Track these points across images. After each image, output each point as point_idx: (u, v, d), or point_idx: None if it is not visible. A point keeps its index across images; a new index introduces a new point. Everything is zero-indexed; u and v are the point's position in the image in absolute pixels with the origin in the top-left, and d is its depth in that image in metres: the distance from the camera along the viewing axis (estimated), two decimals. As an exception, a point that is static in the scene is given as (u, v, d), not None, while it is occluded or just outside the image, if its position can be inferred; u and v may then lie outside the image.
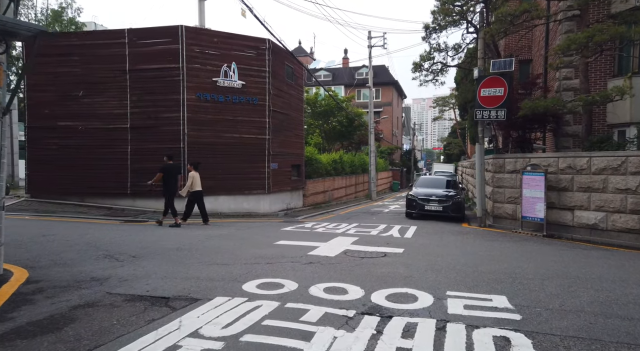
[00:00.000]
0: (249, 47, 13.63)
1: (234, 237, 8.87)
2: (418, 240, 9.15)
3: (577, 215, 9.87)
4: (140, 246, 7.53)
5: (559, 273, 6.06)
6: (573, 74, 11.67)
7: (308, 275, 5.68)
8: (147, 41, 12.87)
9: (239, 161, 13.72)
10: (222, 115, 13.40)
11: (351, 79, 47.90)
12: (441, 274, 5.88)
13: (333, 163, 22.23)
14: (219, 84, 13.23)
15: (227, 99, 13.42)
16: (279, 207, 15.11)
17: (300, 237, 9.11)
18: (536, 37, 15.22)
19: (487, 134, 11.71)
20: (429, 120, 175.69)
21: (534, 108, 10.09)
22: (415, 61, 14.19)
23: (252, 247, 7.78)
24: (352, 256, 7.13)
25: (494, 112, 11.24)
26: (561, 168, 10.17)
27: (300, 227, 11.09)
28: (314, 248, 7.74)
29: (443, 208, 13.12)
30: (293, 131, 16.34)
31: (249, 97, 13.72)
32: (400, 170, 46.37)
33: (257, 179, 14.05)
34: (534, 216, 10.50)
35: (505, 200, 11.49)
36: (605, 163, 9.33)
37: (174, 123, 12.82)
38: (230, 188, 13.66)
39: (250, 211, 14.02)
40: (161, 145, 12.93)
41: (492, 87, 11.22)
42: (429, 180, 15.64)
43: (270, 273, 5.75)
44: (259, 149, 14.02)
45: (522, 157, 11.13)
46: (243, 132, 13.76)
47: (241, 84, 13.58)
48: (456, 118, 41.72)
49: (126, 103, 13.01)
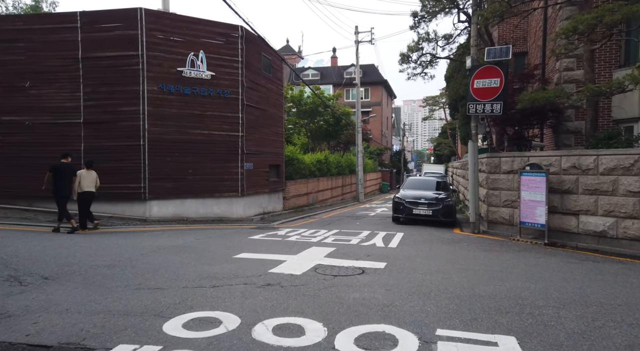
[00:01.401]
0: (218, 34, 12.30)
1: (188, 249, 7.54)
2: (404, 250, 7.92)
3: (582, 220, 8.74)
4: (64, 262, 6.15)
5: (576, 298, 4.86)
6: (575, 64, 10.59)
7: (259, 304, 4.40)
8: (102, 25, 11.45)
9: (208, 160, 12.37)
10: (189, 109, 12.04)
11: (340, 78, 46.71)
12: (430, 300, 4.65)
13: (317, 163, 20.96)
14: (184, 74, 11.87)
15: (195, 91, 12.06)
16: (255, 211, 13.79)
17: (267, 248, 7.82)
18: (532, 27, 14.16)
19: (481, 131, 10.57)
20: (420, 122, 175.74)
21: (534, 100, 8.95)
22: (402, 52, 12.99)
23: (204, 262, 6.46)
24: (322, 274, 5.87)
25: (489, 105, 10.08)
26: (564, 168, 9.05)
27: (272, 234, 9.80)
28: (279, 263, 6.46)
29: (433, 212, 11.94)
30: (271, 128, 15.04)
31: (220, 90, 12.38)
32: (389, 171, 45.32)
33: (230, 180, 12.72)
34: (533, 221, 9.36)
35: (501, 204, 10.34)
36: (616, 163, 8.23)
37: (133, 118, 11.42)
38: (199, 191, 12.30)
39: (221, 216, 12.67)
40: (119, 142, 11.52)
41: (487, 77, 10.07)
42: (418, 182, 14.47)
43: (210, 302, 4.45)
44: (231, 147, 12.69)
45: (520, 156, 10.00)
46: (213, 129, 12.42)
47: (210, 75, 12.24)
48: (446, 118, 40.85)
49: (79, 95, 11.57)
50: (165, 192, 11.79)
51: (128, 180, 11.48)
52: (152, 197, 11.59)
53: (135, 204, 11.61)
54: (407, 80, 14.16)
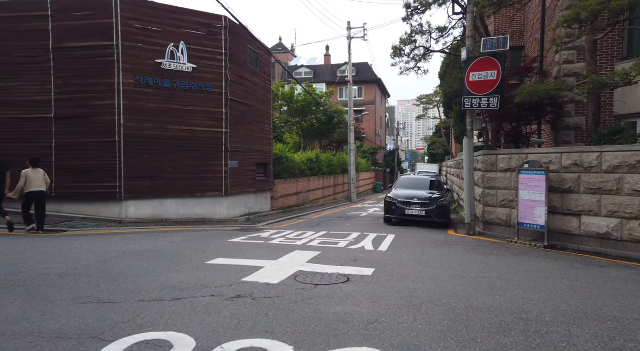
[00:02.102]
0: (200, 25, 11.62)
1: (157, 254, 6.87)
2: (395, 254, 7.32)
3: (584, 222, 8.20)
4: (11, 271, 5.47)
5: (587, 311, 4.28)
6: (576, 56, 10.06)
7: (223, 322, 3.76)
8: (75, 14, 10.71)
9: (190, 158, 11.69)
10: (169, 103, 11.35)
11: (333, 77, 46.12)
12: (421, 315, 4.05)
13: (308, 162, 20.34)
14: (163, 66, 11.17)
15: (175, 85, 11.37)
16: (240, 212, 13.13)
17: (246, 253, 7.18)
18: (529, 21, 13.65)
19: (477, 127, 10.01)
20: (414, 122, 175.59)
21: (533, 93, 8.39)
22: (395, 45, 12.39)
23: (172, 269, 5.81)
24: (302, 282, 5.25)
25: (485, 99, 9.51)
26: (565, 166, 8.50)
27: (255, 236, 9.16)
28: (255, 270, 5.83)
29: (426, 212, 11.36)
30: (258, 125, 14.38)
31: (202, 83, 11.70)
32: (383, 170, 44.77)
33: (213, 179, 12.04)
34: (532, 223, 8.81)
35: (498, 204, 9.78)
36: (621, 160, 7.68)
37: (108, 113, 10.71)
38: (180, 190, 11.61)
39: (204, 217, 12.00)
40: (93, 138, 10.80)
41: (483, 70, 9.50)
42: (411, 181, 13.89)
43: (166, 319, 3.81)
44: (214, 144, 12.02)
45: (518, 153, 9.45)
46: (195, 124, 11.74)
47: (192, 68, 11.55)
48: (440, 116, 40.40)
49: (50, 88, 10.83)
50: (143, 192, 11.09)
51: (103, 179, 10.78)
52: (128, 196, 10.89)
53: (110, 205, 10.90)
54: (400, 75, 13.57)
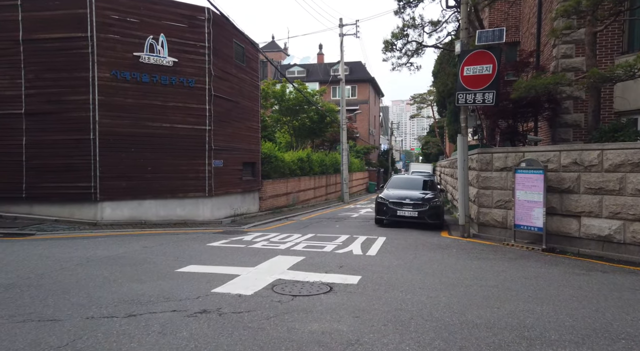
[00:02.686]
0: (182, 16, 11.03)
1: (124, 261, 6.30)
2: (384, 259, 6.81)
3: (585, 223, 7.75)
4: (-48, 282, 4.88)
5: (596, 327, 3.79)
6: (574, 50, 9.63)
7: (177, 345, 3.22)
8: (47, 3, 10.07)
9: (171, 157, 11.10)
10: (148, 99, 10.75)
11: (326, 76, 45.55)
12: (409, 333, 3.53)
13: (299, 162, 19.77)
14: (142, 60, 10.57)
15: (154, 79, 10.77)
16: (225, 213, 12.56)
17: (223, 258, 6.63)
18: (525, 15, 13.23)
19: (472, 124, 9.54)
20: (408, 122, 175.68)
21: (531, 88, 7.93)
22: (386, 39, 11.89)
23: (136, 279, 5.25)
24: (280, 293, 4.72)
25: (480, 94, 9.03)
26: (564, 165, 8.05)
27: (236, 240, 8.60)
28: (230, 278, 5.29)
29: (418, 213, 10.88)
30: (245, 123, 13.81)
31: (183, 78, 11.11)
32: (377, 170, 44.32)
33: (195, 179, 11.46)
34: (529, 224, 8.35)
35: (494, 205, 9.32)
36: (623, 158, 7.24)
37: (82, 109, 10.08)
38: (160, 191, 11.02)
39: (186, 218, 11.41)
40: (66, 135, 10.17)
41: (478, 63, 9.02)
42: (403, 181, 13.40)
43: (110, 342, 3.25)
44: (197, 142, 11.43)
45: (514, 151, 8.99)
46: (176, 121, 11.14)
47: (172, 61, 10.96)
48: (434, 116, 40.04)
49: (20, 82, 10.18)
50: (120, 192, 10.48)
51: (77, 179, 10.16)
52: (104, 197, 10.28)
53: (85, 206, 10.28)
54: (392, 70, 13.14)
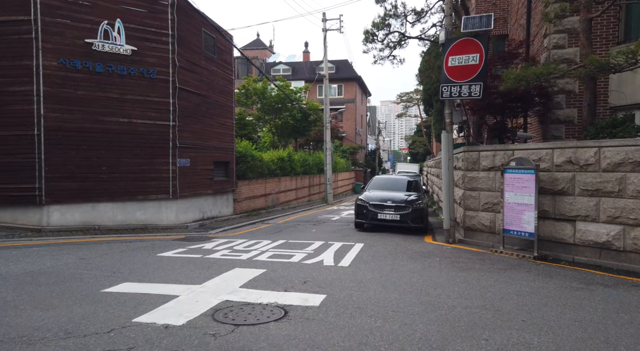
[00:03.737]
0: (141, 0, 10.01)
1: (45, 278, 5.29)
2: (357, 271, 5.94)
3: (580, 228, 7.00)
4: None
5: (611, 370, 2.97)
6: (566, 40, 8.91)
7: None
8: (-17, -18, 9.01)
9: (129, 155, 10.07)
10: (102, 91, 9.70)
11: (312, 74, 44.62)
12: (371, 386, 2.65)
13: (279, 161, 18.84)
14: (95, 47, 9.53)
15: (110, 70, 9.73)
16: (193, 217, 11.55)
17: (168, 273, 5.67)
18: (513, 6, 12.54)
19: (457, 119, 8.77)
20: (397, 122, 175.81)
21: (522, 79, 7.15)
22: (366, 29, 11.04)
23: (45, 303, 4.26)
24: (220, 321, 3.80)
25: (466, 87, 8.24)
26: (557, 164, 7.30)
27: (195, 248, 7.64)
28: (164, 300, 4.35)
29: (400, 217, 10.05)
30: (216, 119, 12.83)
31: (144, 69, 10.09)
32: (363, 170, 43.62)
33: (158, 180, 10.44)
34: (520, 229, 7.58)
35: (481, 207, 8.54)
36: (623, 156, 6.50)
37: (25, 101, 9.00)
38: (117, 193, 9.98)
39: (147, 223, 10.38)
40: (6, 131, 9.08)
41: (464, 53, 8.23)
42: (386, 181, 12.56)
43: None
44: (159, 139, 10.42)
45: (503, 149, 8.21)
46: (135, 116, 10.12)
47: (131, 50, 9.93)
48: (421, 115, 39.48)
49: (-47, 71, 9.08)
50: (70, 195, 9.42)
51: (19, 180, 9.07)
52: (51, 200, 9.21)
53: (29, 210, 9.20)
54: (374, 63, 12.28)
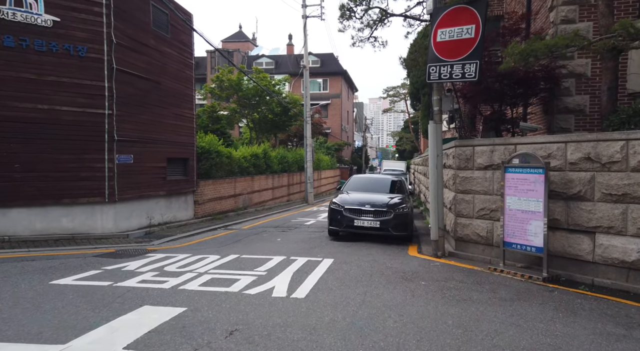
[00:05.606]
0: (64, -41, 8.20)
1: None
2: (315, 308, 4.33)
3: (601, 243, 5.52)
4: None
5: None
6: (577, 14, 7.42)
7: None
8: None
9: (51, 150, 8.28)
10: (14, 70, 7.89)
11: (296, 67, 42.88)
12: None
13: (253, 158, 17.11)
14: (3, 15, 7.69)
15: (23, 44, 7.91)
16: (139, 223, 9.80)
17: (31, 320, 3.98)
18: (510, -18, 11.04)
19: (447, 107, 7.22)
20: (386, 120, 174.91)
21: (529, 53, 5.62)
22: (342, 3, 9.39)
23: None
24: None
25: (458, 67, 6.67)
26: (572, 162, 5.80)
27: (113, 269, 5.93)
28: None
29: (380, 223, 8.48)
30: (171, 109, 11.06)
31: (69, 45, 8.29)
32: (349, 168, 42.09)
33: (89, 180, 8.67)
34: (524, 243, 6.08)
35: (475, 214, 7.02)
36: (661, 151, 5.03)
37: None
38: (36, 196, 8.18)
39: (75, 232, 8.60)
40: None
41: (457, 24, 6.66)
42: (365, 182, 10.97)
43: None
44: (91, 131, 8.64)
45: (503, 144, 6.70)
46: (59, 102, 8.32)
47: (52, 21, 8.12)
48: (408, 110, 38.07)
49: None
50: (-29, 199, 7.60)
51: None
52: (-56, 206, 7.38)
53: None
54: (352, 46, 10.69)
